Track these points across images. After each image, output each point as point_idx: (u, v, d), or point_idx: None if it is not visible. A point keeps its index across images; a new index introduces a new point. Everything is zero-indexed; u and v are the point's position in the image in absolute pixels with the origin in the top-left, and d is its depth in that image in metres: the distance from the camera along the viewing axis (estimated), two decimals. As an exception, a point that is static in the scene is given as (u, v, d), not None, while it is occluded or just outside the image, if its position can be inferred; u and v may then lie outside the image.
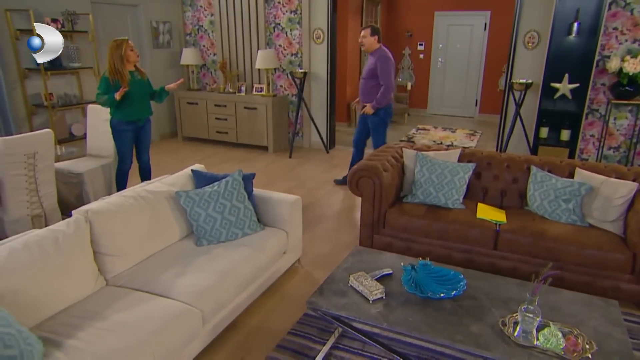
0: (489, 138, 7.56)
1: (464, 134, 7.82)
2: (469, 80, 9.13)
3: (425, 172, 3.33)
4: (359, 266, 2.40)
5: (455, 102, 9.41)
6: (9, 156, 2.95)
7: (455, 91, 9.36)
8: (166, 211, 2.73)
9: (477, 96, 9.16)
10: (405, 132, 8.03)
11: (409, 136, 7.69)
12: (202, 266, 2.46)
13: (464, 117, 9.31)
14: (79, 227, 2.23)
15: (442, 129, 8.29)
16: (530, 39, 4.99)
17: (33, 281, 1.96)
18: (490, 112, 8.97)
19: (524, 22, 5.01)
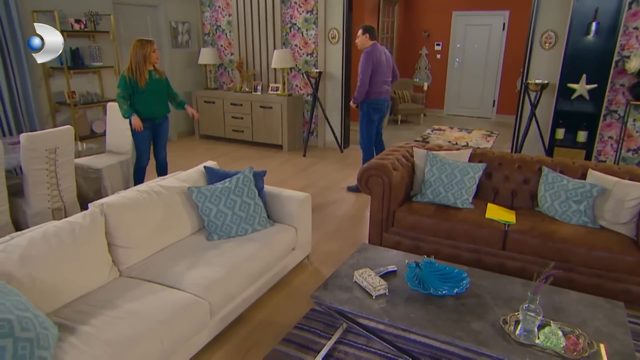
0: (505, 139, 7.48)
1: (480, 135, 7.75)
2: (487, 80, 9.04)
3: (435, 171, 3.34)
4: (364, 263, 2.43)
5: (472, 102, 9.33)
6: (32, 151, 3.08)
7: (472, 92, 9.27)
8: (178, 206, 2.81)
9: (494, 97, 9.06)
10: (420, 132, 8.01)
11: (424, 136, 7.66)
12: (212, 260, 2.53)
13: (481, 118, 9.22)
14: (94, 219, 2.32)
15: (458, 129, 8.23)
16: (547, 39, 4.93)
17: (50, 270, 2.05)
18: (508, 113, 8.86)
19: (540, 22, 4.95)
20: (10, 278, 1.90)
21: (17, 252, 1.98)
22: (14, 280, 1.91)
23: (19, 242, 2.04)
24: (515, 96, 8.71)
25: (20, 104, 4.78)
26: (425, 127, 8.42)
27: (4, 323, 1.54)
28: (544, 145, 4.99)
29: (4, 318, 1.55)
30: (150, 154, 4.24)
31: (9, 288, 1.75)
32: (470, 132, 8.01)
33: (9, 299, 1.67)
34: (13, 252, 1.97)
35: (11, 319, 1.57)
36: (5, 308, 1.60)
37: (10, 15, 4.55)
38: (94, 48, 5.43)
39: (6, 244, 2.01)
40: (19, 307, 1.67)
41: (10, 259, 1.94)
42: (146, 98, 3.92)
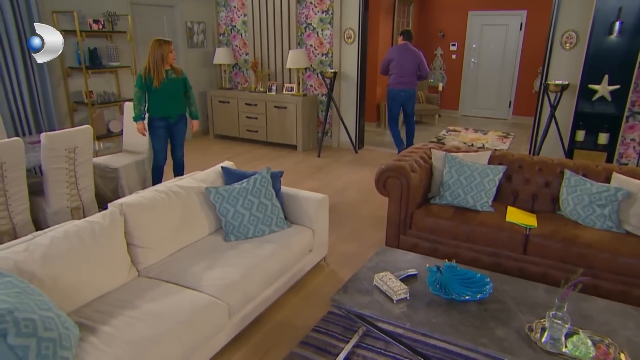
0: (522, 141, 7.37)
1: (495, 136, 7.65)
2: (503, 81, 8.92)
3: (453, 173, 3.29)
4: (383, 266, 2.40)
5: (487, 103, 9.22)
6: (52, 150, 3.10)
7: (488, 92, 9.16)
8: (196, 206, 2.80)
9: (510, 98, 8.94)
10: (435, 133, 7.93)
11: (439, 137, 7.59)
12: (229, 261, 2.52)
13: (496, 119, 9.10)
14: (114, 219, 2.33)
15: (474, 130, 8.13)
16: (568, 38, 4.84)
17: (71, 269, 2.06)
18: (525, 114, 8.74)
19: (561, 22, 4.86)
20: (32, 277, 1.91)
21: (40, 252, 1.99)
22: (36, 279, 1.92)
23: (41, 242, 2.05)
24: (532, 97, 8.59)
25: (39, 103, 4.84)
26: (440, 128, 8.34)
27: (28, 323, 1.54)
28: (563, 148, 4.89)
29: (27, 318, 1.55)
30: (167, 153, 4.26)
31: (32, 287, 1.76)
32: (485, 133, 7.91)
33: (32, 298, 1.68)
34: (35, 251, 1.98)
35: (35, 318, 1.57)
36: (28, 307, 1.60)
37: (31, 16, 4.61)
38: (111, 48, 5.47)
39: (28, 243, 2.02)
40: (42, 306, 1.67)
41: (32, 258, 1.95)
42: (161, 97, 3.94)
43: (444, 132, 8.03)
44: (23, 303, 1.61)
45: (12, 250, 1.96)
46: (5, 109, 4.56)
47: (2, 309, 1.52)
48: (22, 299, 1.64)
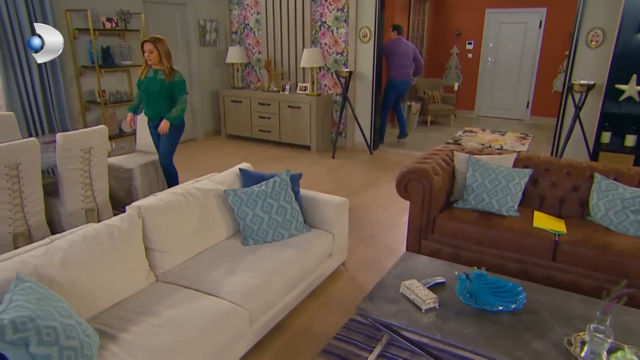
0: (541, 142, 7.26)
1: (514, 137, 7.54)
2: (521, 81, 8.80)
3: (477, 176, 3.22)
4: (409, 273, 2.34)
5: (504, 103, 9.11)
6: (67, 151, 3.09)
7: (505, 92, 9.05)
8: (214, 209, 2.77)
9: (528, 98, 8.82)
10: (451, 134, 7.84)
11: (456, 138, 7.50)
12: (249, 266, 2.48)
13: (513, 120, 8.99)
14: (132, 222, 2.30)
15: (491, 131, 8.03)
16: (594, 37, 4.73)
17: (90, 274, 2.04)
18: (543, 114, 8.62)
19: (587, 19, 4.76)
20: (51, 282, 1.88)
21: (59, 256, 1.97)
22: (55, 284, 1.89)
23: (60, 245, 2.02)
24: (551, 97, 8.47)
25: (52, 102, 4.85)
26: (456, 129, 8.24)
27: (49, 331, 1.51)
28: (588, 150, 4.79)
29: (49, 325, 1.52)
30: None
31: (52, 293, 1.73)
32: (503, 134, 7.81)
33: (53, 304, 1.65)
34: (54, 255, 1.96)
35: (56, 326, 1.55)
36: (49, 315, 1.57)
37: (45, 14, 4.62)
38: (124, 47, 5.47)
39: (47, 247, 2.00)
40: (63, 313, 1.64)
41: (51, 262, 1.93)
42: (143, 94, 3.93)
43: (461, 133, 7.94)
44: (44, 310, 1.59)
45: (31, 254, 1.94)
46: (19, 108, 4.58)
47: (24, 316, 1.50)
48: (43, 306, 1.61)
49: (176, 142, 4.07)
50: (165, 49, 3.78)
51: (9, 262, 1.86)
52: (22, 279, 1.72)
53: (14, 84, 4.53)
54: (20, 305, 1.56)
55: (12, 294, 1.63)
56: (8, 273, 1.78)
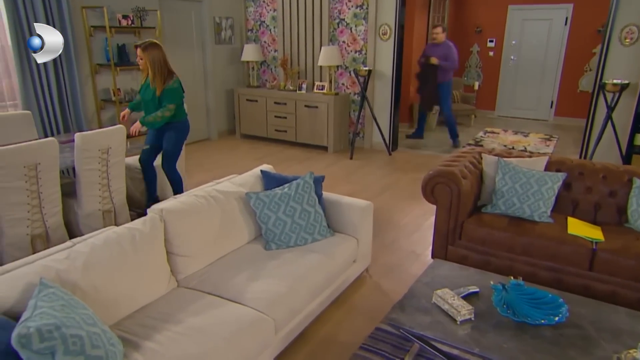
0: (567, 143, 7.12)
1: (537, 139, 7.41)
2: (544, 80, 8.66)
3: (507, 180, 3.15)
4: (440, 281, 2.28)
5: (527, 103, 8.97)
6: (85, 151, 3.09)
7: (527, 92, 8.91)
8: (236, 212, 2.74)
9: (552, 97, 8.67)
10: (472, 135, 7.74)
11: (477, 139, 7.40)
12: (273, 272, 2.44)
13: (536, 120, 8.84)
14: (154, 226, 2.28)
15: (513, 132, 7.91)
16: (629, 33, 4.61)
17: (112, 279, 2.01)
18: (568, 115, 8.47)
19: (621, 15, 4.64)
20: (74, 287, 1.87)
21: (81, 260, 1.95)
22: (78, 290, 1.87)
23: (82, 249, 2.01)
24: (577, 97, 8.32)
25: (68, 101, 4.88)
26: (476, 130, 8.14)
27: (75, 340, 1.49)
28: (620, 152, 4.68)
29: (75, 334, 1.50)
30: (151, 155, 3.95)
31: (76, 300, 1.71)
32: (526, 135, 7.68)
33: (78, 312, 1.63)
34: (77, 259, 1.94)
35: (82, 335, 1.52)
36: (75, 323, 1.55)
37: (62, 12, 4.64)
38: (140, 45, 5.48)
39: (69, 251, 1.98)
40: (88, 321, 1.62)
41: (74, 266, 1.91)
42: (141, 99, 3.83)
43: (482, 133, 7.83)
44: (69, 318, 1.56)
45: (53, 258, 1.92)
46: (35, 107, 4.60)
47: (50, 324, 1.47)
48: (68, 313, 1.59)
49: (179, 145, 3.88)
50: (156, 56, 3.54)
51: (31, 267, 1.84)
52: (45, 284, 1.70)
53: (30, 82, 4.56)
54: (45, 312, 1.54)
55: (36, 300, 1.61)
56: (31, 277, 1.76)
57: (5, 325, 1.53)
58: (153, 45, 3.60)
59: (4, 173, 2.64)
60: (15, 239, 2.84)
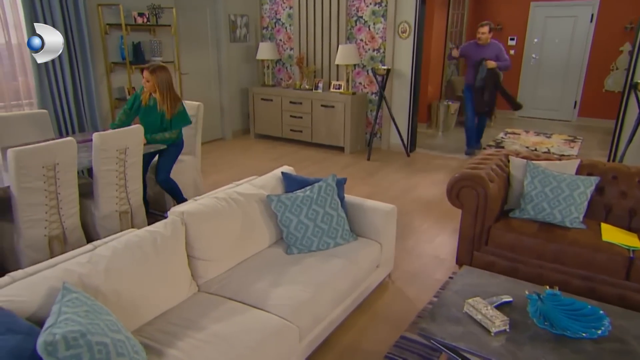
0: (591, 145, 6.99)
1: (561, 140, 7.29)
2: (568, 79, 8.51)
3: (537, 184, 3.08)
4: (470, 290, 2.23)
5: (549, 103, 8.82)
6: (103, 151, 3.08)
7: (550, 91, 8.76)
8: (257, 215, 2.72)
9: (576, 97, 8.52)
10: (492, 136, 7.64)
11: (497, 141, 7.30)
12: (295, 277, 2.41)
13: (558, 121, 8.70)
14: (175, 229, 2.26)
15: (535, 133, 7.79)
16: (662, 32, 4.50)
17: (134, 283, 2.00)
18: (593, 115, 8.32)
19: (653, 14, 4.53)
20: (96, 292, 1.85)
21: (102, 264, 1.93)
22: (100, 294, 1.86)
23: (103, 253, 1.99)
24: (602, 97, 8.17)
25: (83, 100, 4.90)
26: (496, 130, 8.03)
27: (101, 347, 1.47)
28: (652, 155, 4.57)
29: (100, 342, 1.48)
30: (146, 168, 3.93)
31: (99, 305, 1.69)
32: (549, 136, 7.56)
33: (102, 318, 1.61)
34: (98, 263, 1.93)
35: (107, 342, 1.50)
36: (100, 329, 1.53)
37: (78, 9, 4.67)
38: (155, 42, 5.50)
39: (91, 254, 1.97)
40: (112, 328, 1.60)
41: (96, 270, 1.90)
42: (141, 121, 3.78)
43: (502, 134, 7.72)
44: (94, 324, 1.55)
45: (75, 261, 1.91)
46: (50, 106, 4.63)
47: (75, 331, 1.46)
48: (92, 320, 1.57)
49: (174, 160, 3.93)
50: (164, 79, 3.63)
51: (53, 270, 1.83)
52: (69, 289, 1.69)
53: (46, 80, 4.59)
54: (70, 318, 1.52)
55: (60, 305, 1.59)
56: (54, 282, 1.75)
57: (30, 332, 1.52)
58: (161, 68, 3.68)
59: (24, 173, 2.65)
60: (33, 241, 2.84)
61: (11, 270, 2.92)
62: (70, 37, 4.67)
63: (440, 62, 8.24)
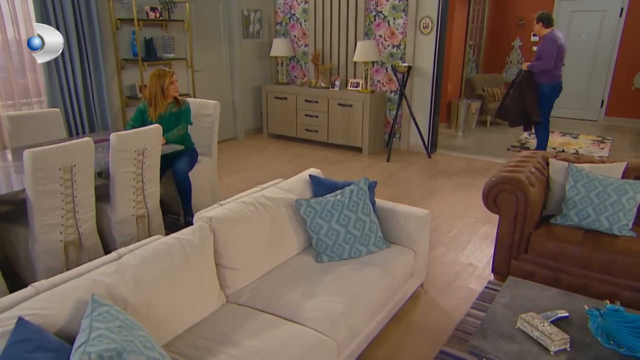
0: (622, 146, 6.87)
1: (589, 141, 7.17)
2: (595, 76, 8.38)
3: (580, 188, 2.98)
4: (520, 303, 2.14)
5: (574, 102, 8.69)
6: (121, 152, 3.02)
7: (575, 90, 8.62)
8: (285, 221, 2.64)
9: (603, 96, 8.38)
10: (515, 136, 7.52)
11: (522, 141, 7.19)
12: (329, 287, 2.33)
13: (584, 121, 8.57)
14: (204, 236, 2.19)
15: (560, 133, 7.67)
16: None
17: (163, 294, 1.93)
18: (621, 115, 8.19)
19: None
20: (125, 304, 1.78)
21: (130, 274, 1.86)
22: (129, 307, 1.79)
23: (130, 262, 1.92)
24: (631, 95, 8.03)
25: (94, 98, 4.86)
26: (519, 130, 7.89)
27: (137, 367, 1.40)
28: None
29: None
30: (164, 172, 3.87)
31: (131, 320, 1.62)
32: (576, 137, 7.44)
33: (135, 334, 1.54)
34: (126, 273, 1.86)
35: (143, 361, 1.43)
36: (134, 347, 1.46)
37: (89, 4, 4.62)
38: (167, 38, 5.44)
39: (117, 264, 1.90)
40: (147, 345, 1.53)
41: (124, 281, 1.83)
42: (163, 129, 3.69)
43: (526, 135, 7.60)
44: (128, 341, 1.47)
45: (101, 271, 1.84)
46: (60, 104, 4.59)
47: (110, 349, 1.38)
48: (126, 336, 1.50)
49: (194, 160, 4.01)
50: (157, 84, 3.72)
51: (79, 281, 1.76)
52: (98, 301, 1.62)
53: (56, 77, 4.55)
54: (103, 335, 1.45)
55: (90, 320, 1.52)
56: (82, 293, 1.68)
57: (61, 349, 1.45)
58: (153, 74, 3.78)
59: (41, 175, 2.58)
60: (49, 246, 2.79)
61: (26, 277, 2.90)
62: (81, 33, 4.63)
63: (460, 59, 8.14)
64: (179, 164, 3.83)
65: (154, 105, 3.79)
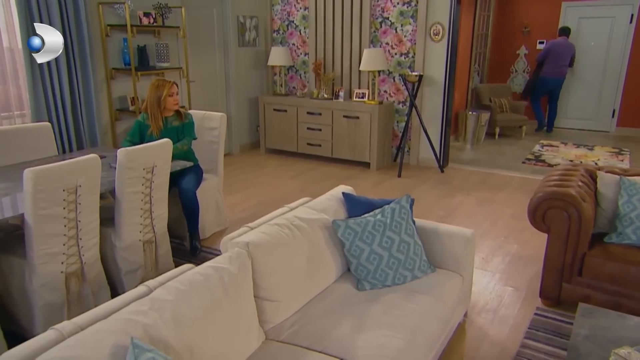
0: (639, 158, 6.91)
1: (605, 152, 7.20)
2: (605, 86, 8.49)
3: (636, 204, 2.91)
4: (603, 335, 2.02)
5: (584, 113, 8.79)
6: (129, 170, 2.84)
7: (585, 100, 8.74)
8: (322, 245, 2.49)
9: (614, 106, 8.49)
10: (527, 148, 7.54)
11: (536, 154, 7.18)
12: (380, 320, 2.18)
13: (595, 132, 8.66)
14: (243, 264, 2.02)
15: (575, 145, 7.70)
16: None
17: (206, 334, 1.75)
18: (634, 125, 8.28)
19: None
20: (167, 348, 1.60)
21: (168, 311, 1.68)
22: (171, 351, 1.61)
23: (164, 297, 1.74)
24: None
25: (81, 110, 4.66)
26: (531, 142, 7.93)
27: None
28: None
29: (205, 421, 1.23)
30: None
31: (181, 367, 1.45)
32: (591, 148, 7.47)
33: (191, 386, 1.36)
34: (163, 310, 1.68)
35: (210, 421, 1.25)
36: (196, 403, 1.28)
37: (78, 9, 4.45)
38: (161, 46, 5.29)
39: (151, 299, 1.71)
40: (206, 398, 1.35)
41: (163, 320, 1.64)
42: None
43: (538, 147, 7.62)
44: (186, 395, 1.30)
45: (134, 309, 1.65)
46: (45, 117, 4.37)
47: (172, 408, 1.21)
48: (182, 389, 1.32)
49: (201, 177, 3.90)
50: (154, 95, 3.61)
51: (111, 322, 1.57)
52: (140, 346, 1.44)
53: (41, 88, 4.33)
54: (158, 389, 1.27)
55: (136, 370, 1.35)
56: (118, 337, 1.50)
57: (107, 408, 1.27)
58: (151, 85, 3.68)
59: (43, 198, 2.39)
60: (49, 278, 2.57)
61: (21, 314, 2.67)
62: (68, 40, 4.45)
63: (467, 68, 8.17)
64: (184, 182, 3.66)
65: (152, 119, 3.64)
